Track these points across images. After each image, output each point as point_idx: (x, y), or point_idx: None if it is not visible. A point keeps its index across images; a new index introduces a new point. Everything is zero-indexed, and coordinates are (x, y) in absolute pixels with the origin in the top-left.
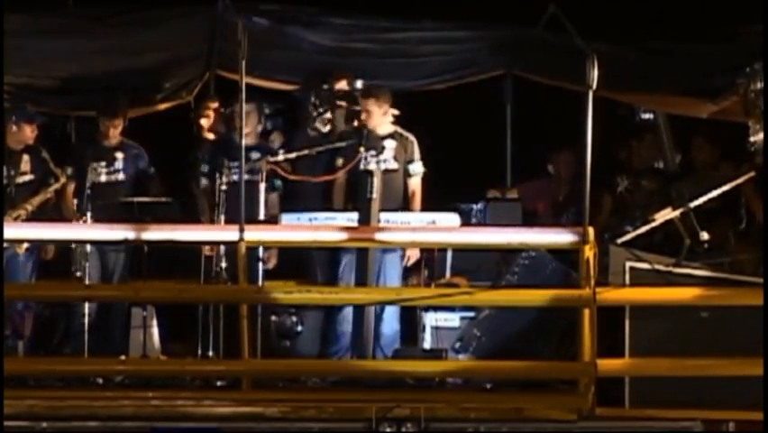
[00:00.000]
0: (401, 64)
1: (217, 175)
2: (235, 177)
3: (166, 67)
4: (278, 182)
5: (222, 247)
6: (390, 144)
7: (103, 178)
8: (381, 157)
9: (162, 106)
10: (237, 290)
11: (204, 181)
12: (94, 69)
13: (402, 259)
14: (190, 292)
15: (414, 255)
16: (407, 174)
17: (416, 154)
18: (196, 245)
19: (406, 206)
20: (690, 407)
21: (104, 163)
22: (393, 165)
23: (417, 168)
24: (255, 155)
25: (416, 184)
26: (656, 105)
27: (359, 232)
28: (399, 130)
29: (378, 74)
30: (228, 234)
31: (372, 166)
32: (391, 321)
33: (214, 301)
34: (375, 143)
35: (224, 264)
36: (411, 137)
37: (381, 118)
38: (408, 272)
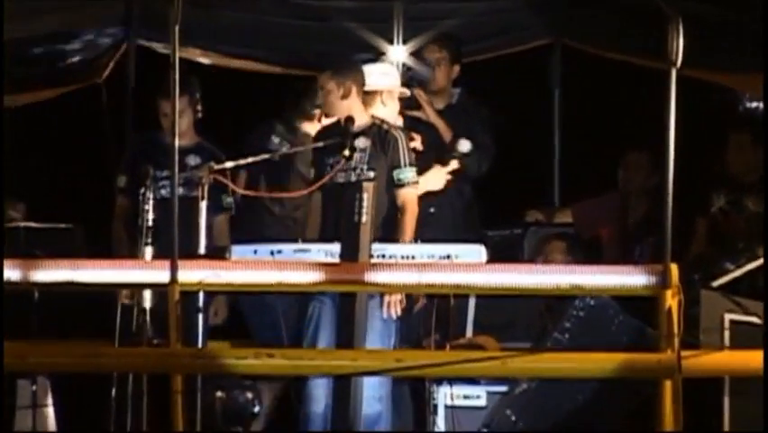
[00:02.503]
0: (410, 29)
1: (141, 190)
2: (165, 192)
3: (67, 36)
4: (228, 199)
5: (146, 292)
6: (362, 143)
7: None
8: (350, 164)
9: (62, 91)
10: (168, 354)
11: (121, 199)
12: None
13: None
14: (101, 357)
15: (396, 301)
16: (393, 184)
17: (404, 154)
18: (108, 290)
19: (390, 231)
20: None
21: None
22: (367, 174)
23: (407, 174)
24: (193, 161)
25: (406, 196)
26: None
27: (342, 271)
28: (378, 119)
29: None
30: (155, 273)
31: (341, 178)
32: (372, 400)
33: (135, 370)
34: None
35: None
36: (395, 130)
37: (342, 104)
38: (406, 327)
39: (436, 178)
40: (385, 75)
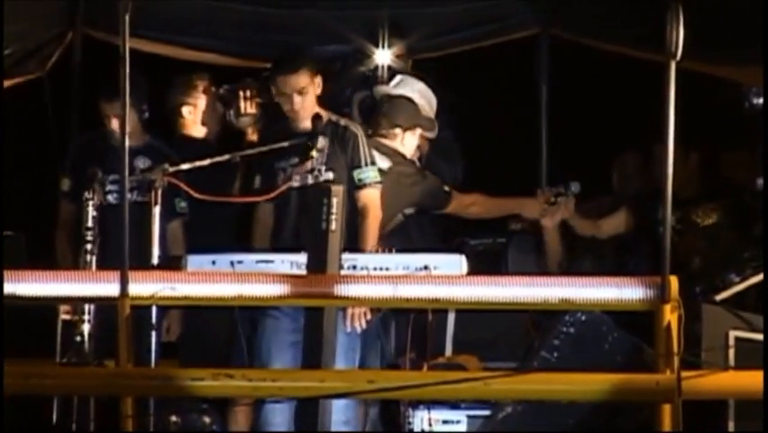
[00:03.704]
0: (387, 18)
1: (86, 195)
2: (113, 198)
3: (6, 23)
4: (183, 204)
5: (90, 307)
6: (320, 143)
7: None
8: (307, 166)
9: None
10: (117, 375)
11: (65, 204)
12: None
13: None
14: (43, 378)
15: (360, 314)
16: (354, 185)
17: (364, 152)
18: (50, 304)
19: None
20: None
21: None
22: (326, 175)
23: (368, 173)
24: (143, 163)
25: (368, 198)
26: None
27: (309, 283)
28: (333, 117)
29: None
30: (103, 286)
31: (296, 181)
32: (339, 424)
33: (80, 391)
34: (298, 144)
35: (85, 332)
36: (352, 126)
37: (313, 102)
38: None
39: (531, 207)
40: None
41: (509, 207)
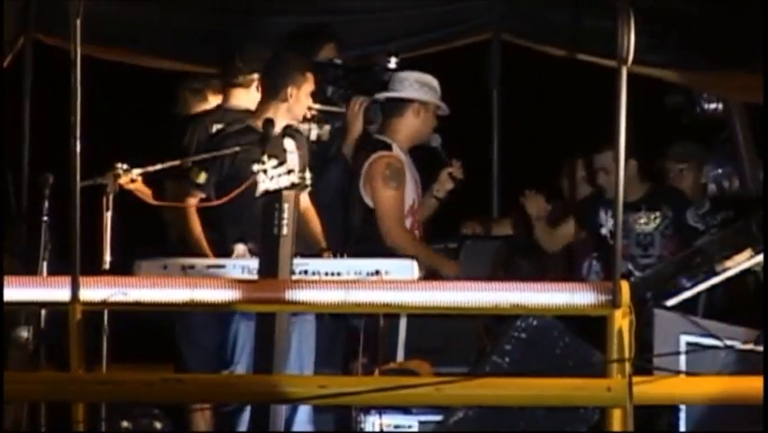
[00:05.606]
0: (340, 23)
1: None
2: None
3: None
4: None
5: (43, 312)
6: (290, 146)
7: None
8: (282, 169)
9: None
10: (68, 380)
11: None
12: None
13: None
14: None
15: None
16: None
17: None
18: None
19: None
20: None
21: None
22: (304, 176)
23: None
24: None
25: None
26: (721, 88)
27: (261, 288)
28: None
29: None
30: (55, 291)
31: (269, 184)
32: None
33: (31, 397)
34: (276, 146)
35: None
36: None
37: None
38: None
39: None
40: (423, 86)
41: None
